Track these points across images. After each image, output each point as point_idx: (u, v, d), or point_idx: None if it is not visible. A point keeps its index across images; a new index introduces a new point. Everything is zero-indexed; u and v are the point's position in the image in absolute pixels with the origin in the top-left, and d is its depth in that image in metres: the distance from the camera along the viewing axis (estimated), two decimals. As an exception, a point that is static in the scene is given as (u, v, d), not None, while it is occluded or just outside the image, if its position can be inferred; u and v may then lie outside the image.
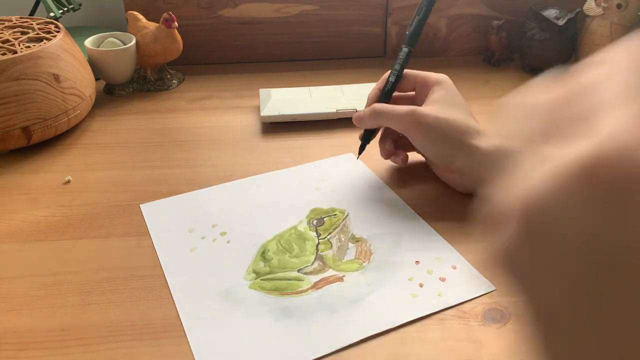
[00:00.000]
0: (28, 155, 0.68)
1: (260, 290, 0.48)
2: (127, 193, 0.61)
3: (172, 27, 0.79)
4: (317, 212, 0.58)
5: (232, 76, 0.88)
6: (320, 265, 0.51)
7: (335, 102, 0.75)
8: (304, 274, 0.50)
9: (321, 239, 0.54)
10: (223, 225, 0.56)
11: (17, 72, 0.65)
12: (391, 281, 0.49)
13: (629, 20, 0.81)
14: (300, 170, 0.64)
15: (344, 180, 0.63)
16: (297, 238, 0.54)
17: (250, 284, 0.49)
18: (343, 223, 0.56)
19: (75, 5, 0.88)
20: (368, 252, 0.52)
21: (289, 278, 0.50)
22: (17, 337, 0.45)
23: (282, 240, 0.54)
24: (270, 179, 0.63)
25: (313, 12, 0.90)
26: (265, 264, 0.51)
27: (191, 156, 0.68)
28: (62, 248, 0.54)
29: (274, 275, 0.50)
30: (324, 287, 0.48)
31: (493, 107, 0.78)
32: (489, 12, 0.91)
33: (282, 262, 0.51)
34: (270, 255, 0.52)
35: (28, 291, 0.49)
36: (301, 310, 0.46)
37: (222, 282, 0.49)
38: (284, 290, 0.48)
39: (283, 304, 0.47)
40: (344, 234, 0.55)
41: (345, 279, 0.49)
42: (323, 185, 0.62)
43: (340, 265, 0.51)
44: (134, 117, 0.77)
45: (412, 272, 0.50)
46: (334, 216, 0.57)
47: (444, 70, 0.94)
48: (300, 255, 0.52)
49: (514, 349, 0.43)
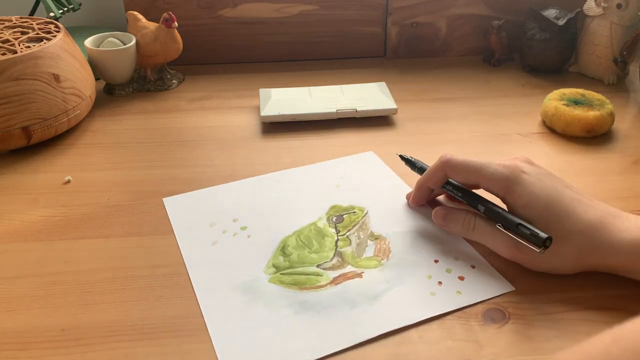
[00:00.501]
0: (28, 155, 0.68)
1: (279, 284, 0.49)
2: (127, 193, 0.61)
3: (172, 27, 0.79)
4: (337, 209, 0.58)
5: (232, 76, 0.88)
6: (339, 262, 0.51)
7: (335, 102, 0.75)
8: (323, 270, 0.50)
9: (340, 235, 0.55)
10: (244, 220, 0.56)
11: (17, 72, 0.65)
12: (410, 279, 0.49)
13: (629, 20, 0.81)
14: (321, 167, 0.65)
15: (364, 178, 0.63)
16: (317, 234, 0.55)
17: (269, 277, 0.49)
18: (362, 220, 0.56)
19: (75, 5, 0.88)
20: (387, 250, 0.53)
21: (308, 273, 0.50)
22: (17, 337, 0.44)
23: (301, 235, 0.54)
24: (290, 175, 0.64)
25: (313, 12, 0.90)
26: (285, 258, 0.52)
27: (191, 156, 0.68)
28: (62, 248, 0.54)
29: (293, 269, 0.50)
30: (343, 283, 0.49)
31: (493, 107, 0.78)
32: (489, 12, 0.91)
33: (301, 257, 0.52)
34: (290, 251, 0.52)
35: (28, 291, 0.49)
36: (320, 305, 0.47)
37: (242, 276, 0.50)
38: (302, 284, 0.49)
39: (302, 298, 0.47)
40: (363, 231, 0.55)
41: (363, 275, 0.50)
42: (343, 182, 0.62)
43: (359, 262, 0.51)
44: (134, 117, 0.77)
45: (431, 270, 0.50)
46: (353, 214, 0.57)
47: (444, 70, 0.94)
48: (320, 251, 0.53)
49: (514, 349, 0.43)
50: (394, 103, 0.75)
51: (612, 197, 0.59)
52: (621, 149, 0.68)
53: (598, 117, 0.69)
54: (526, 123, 0.74)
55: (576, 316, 0.45)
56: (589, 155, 0.67)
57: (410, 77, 0.87)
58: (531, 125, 0.73)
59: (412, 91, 0.83)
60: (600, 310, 0.46)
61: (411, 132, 0.72)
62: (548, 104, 0.72)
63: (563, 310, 0.46)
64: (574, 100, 0.72)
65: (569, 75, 0.87)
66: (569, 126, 0.70)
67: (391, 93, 0.78)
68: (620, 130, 0.72)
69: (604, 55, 0.83)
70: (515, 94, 0.82)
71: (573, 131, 0.70)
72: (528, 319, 0.45)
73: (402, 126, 0.74)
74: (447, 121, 0.75)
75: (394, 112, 0.75)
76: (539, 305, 0.46)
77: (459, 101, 0.80)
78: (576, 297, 0.47)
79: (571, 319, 0.45)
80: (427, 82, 0.86)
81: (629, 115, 0.76)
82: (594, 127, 0.69)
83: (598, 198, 0.59)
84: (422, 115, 0.76)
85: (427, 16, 0.91)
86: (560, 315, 0.46)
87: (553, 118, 0.71)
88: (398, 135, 0.72)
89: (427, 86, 0.84)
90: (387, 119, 0.75)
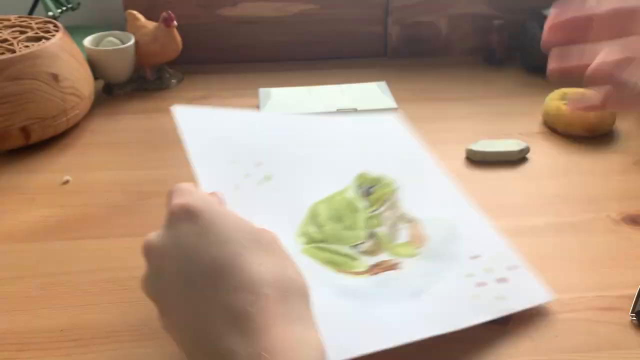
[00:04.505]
0: (26, 155, 0.68)
1: (315, 259, 0.45)
2: (127, 193, 0.61)
3: (171, 27, 0.79)
4: (365, 178, 0.53)
5: (231, 76, 0.88)
6: (374, 245, 0.48)
7: (335, 101, 0.75)
8: (358, 253, 0.47)
9: (372, 212, 0.50)
10: (269, 165, 0.50)
11: (15, 72, 0.65)
12: (449, 274, 0.46)
13: (629, 20, 0.81)
14: (350, 120, 0.59)
15: (392, 146, 0.57)
16: (347, 207, 0.50)
17: (303, 247, 0.45)
18: (394, 197, 0.52)
19: (74, 5, 0.88)
20: (423, 237, 0.49)
21: (344, 254, 0.46)
22: (17, 337, 0.44)
23: (332, 205, 0.50)
24: (323, 122, 0.57)
25: (313, 11, 0.90)
26: (319, 230, 0.47)
27: (191, 156, 0.68)
28: (62, 248, 0.53)
29: (328, 245, 0.47)
30: (382, 274, 0.45)
31: (494, 107, 0.78)
32: (490, 12, 0.91)
33: (335, 233, 0.48)
34: (323, 221, 0.48)
35: (28, 291, 0.49)
36: (361, 293, 0.43)
37: None
38: (339, 266, 0.45)
39: (341, 281, 0.44)
40: (394, 210, 0.51)
41: (401, 265, 0.46)
42: (369, 145, 0.56)
43: (395, 248, 0.48)
44: (133, 116, 0.77)
45: (471, 268, 0.46)
46: (384, 186, 0.52)
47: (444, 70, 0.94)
48: (353, 228, 0.49)
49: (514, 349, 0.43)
50: (394, 103, 0.75)
51: (613, 197, 0.59)
52: (622, 149, 0.68)
53: (599, 117, 0.69)
54: (527, 123, 0.74)
55: (576, 316, 0.45)
56: (590, 155, 0.67)
57: (410, 77, 0.87)
58: (532, 125, 0.73)
59: (412, 91, 0.82)
60: (600, 310, 0.46)
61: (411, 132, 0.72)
62: (549, 103, 0.72)
63: (563, 310, 0.46)
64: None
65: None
66: (570, 126, 0.69)
67: (391, 93, 0.78)
68: (621, 131, 0.71)
69: (604, 55, 0.83)
70: (516, 93, 0.82)
71: (574, 131, 0.69)
72: (528, 319, 0.45)
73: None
74: (447, 121, 0.75)
75: (394, 111, 0.74)
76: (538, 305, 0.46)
77: (459, 101, 0.80)
78: (576, 297, 0.47)
79: (571, 319, 0.45)
80: (427, 81, 0.85)
81: (630, 115, 0.76)
82: (595, 127, 0.69)
83: (599, 198, 0.59)
84: (422, 115, 0.76)
85: (428, 16, 0.91)
86: (560, 315, 0.45)
87: (554, 118, 0.71)
88: (398, 135, 0.72)
89: (427, 86, 0.84)
90: (388, 118, 0.75)
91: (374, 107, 0.74)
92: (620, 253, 0.52)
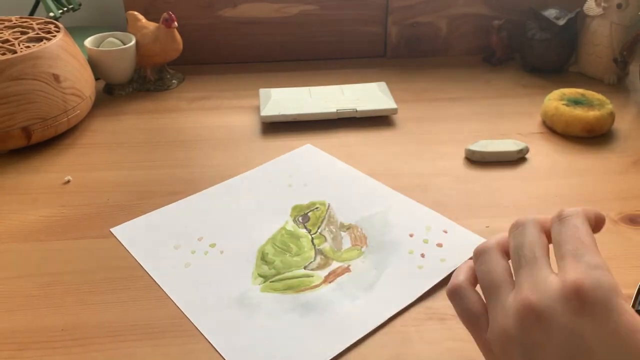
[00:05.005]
0: (28, 155, 0.68)
1: (273, 292, 0.48)
2: (127, 193, 0.61)
3: (171, 27, 0.79)
4: (299, 208, 0.58)
5: (232, 76, 0.88)
6: (323, 259, 0.52)
7: (335, 102, 0.75)
8: (312, 270, 0.50)
9: (313, 234, 0.55)
10: (209, 236, 0.54)
11: (16, 72, 0.65)
12: (393, 258, 0.51)
13: (629, 20, 0.81)
14: (264, 170, 0.64)
15: (313, 172, 0.63)
16: (291, 237, 0.54)
17: (261, 287, 0.49)
18: (328, 214, 0.57)
19: (75, 5, 0.88)
20: (363, 237, 0.54)
21: (299, 276, 0.50)
22: (17, 337, 0.44)
23: (276, 241, 0.54)
24: (238, 184, 0.62)
25: (313, 12, 0.90)
26: (270, 266, 0.51)
27: (191, 156, 0.68)
28: (62, 248, 0.54)
29: (282, 275, 0.50)
30: (335, 280, 0.49)
31: (493, 107, 0.78)
32: (490, 12, 0.91)
33: (285, 263, 0.51)
34: (271, 258, 0.52)
35: (28, 291, 0.49)
36: (322, 303, 0.47)
37: (231, 292, 0.48)
38: (298, 287, 0.49)
39: (302, 300, 0.47)
40: (332, 224, 0.56)
41: (351, 268, 0.50)
42: (293, 181, 0.62)
43: (342, 255, 0.52)
44: (134, 117, 0.77)
45: (410, 244, 0.52)
46: (316, 209, 0.58)
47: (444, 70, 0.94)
48: (301, 253, 0.52)
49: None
50: (394, 103, 0.75)
51: (612, 197, 0.59)
52: (621, 149, 0.68)
53: (598, 117, 0.69)
54: (526, 123, 0.74)
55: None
56: (589, 155, 0.67)
57: (410, 77, 0.87)
58: (531, 125, 0.73)
59: (412, 91, 0.83)
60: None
61: (411, 132, 0.72)
62: (548, 104, 0.72)
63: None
64: (574, 100, 0.72)
65: (569, 75, 0.87)
66: (569, 126, 0.70)
67: (391, 93, 0.78)
68: (620, 130, 0.72)
69: (604, 55, 0.83)
70: (516, 94, 0.82)
71: (573, 131, 0.70)
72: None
73: (402, 126, 0.74)
74: (447, 121, 0.75)
75: (394, 112, 0.74)
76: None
77: (459, 101, 0.80)
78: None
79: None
80: (427, 82, 0.86)
81: (629, 115, 0.76)
82: (594, 127, 0.69)
83: (598, 198, 0.59)
84: (422, 115, 0.76)
85: (428, 16, 0.91)
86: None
87: (553, 118, 0.71)
88: (398, 135, 0.72)
89: (427, 86, 0.84)
90: (387, 118, 0.75)
91: (374, 108, 0.74)
92: (619, 253, 0.52)
